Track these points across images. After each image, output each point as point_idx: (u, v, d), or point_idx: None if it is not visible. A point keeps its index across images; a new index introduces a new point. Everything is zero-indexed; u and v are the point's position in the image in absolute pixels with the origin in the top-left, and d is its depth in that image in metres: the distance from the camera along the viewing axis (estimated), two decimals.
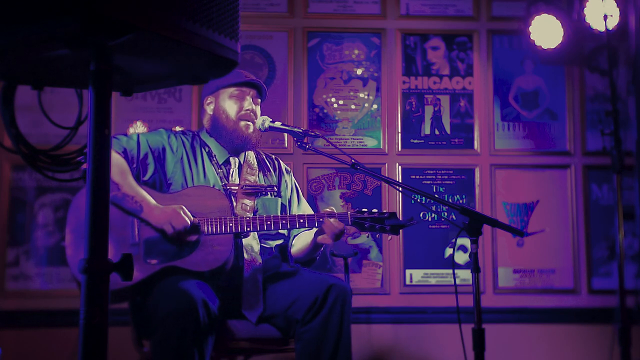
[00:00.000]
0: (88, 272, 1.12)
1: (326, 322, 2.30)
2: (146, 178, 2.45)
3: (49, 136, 2.99)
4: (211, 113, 2.61)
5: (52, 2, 1.00)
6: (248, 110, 2.56)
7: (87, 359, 1.10)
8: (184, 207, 2.32)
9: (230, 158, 2.59)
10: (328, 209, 2.43)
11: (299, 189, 2.78)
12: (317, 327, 2.30)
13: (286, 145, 3.67)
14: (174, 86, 3.16)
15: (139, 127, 3.63)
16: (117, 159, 2.36)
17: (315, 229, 2.48)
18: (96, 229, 1.14)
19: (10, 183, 3.54)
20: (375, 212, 2.43)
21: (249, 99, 2.57)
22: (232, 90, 2.57)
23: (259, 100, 2.63)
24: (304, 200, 2.76)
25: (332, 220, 2.38)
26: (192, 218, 2.32)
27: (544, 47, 3.66)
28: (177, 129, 3.61)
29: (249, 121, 2.56)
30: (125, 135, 2.48)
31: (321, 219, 2.41)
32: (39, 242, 3.52)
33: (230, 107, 2.56)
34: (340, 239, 2.43)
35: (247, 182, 2.56)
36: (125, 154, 2.41)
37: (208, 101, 2.63)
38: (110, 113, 1.16)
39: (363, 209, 2.45)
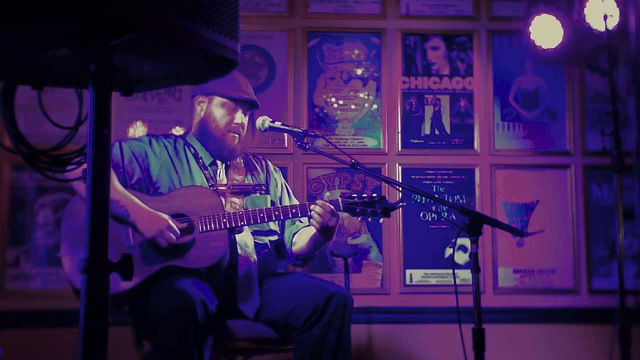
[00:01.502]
0: (88, 272, 1.12)
1: (325, 331, 2.30)
2: (132, 182, 2.46)
3: (49, 136, 3.00)
4: (201, 115, 2.58)
5: (52, 2, 1.00)
6: (238, 124, 2.55)
7: (87, 359, 1.10)
8: (170, 220, 2.32)
9: (217, 160, 2.59)
10: (324, 199, 2.43)
11: (288, 187, 2.79)
12: (316, 336, 2.31)
13: (286, 145, 3.67)
14: (174, 86, 3.15)
15: (139, 127, 3.63)
16: None
17: None
18: (96, 229, 1.14)
19: (10, 183, 3.54)
20: (365, 197, 2.45)
21: (240, 112, 2.56)
22: (227, 100, 2.55)
23: (249, 112, 2.62)
24: (293, 198, 2.77)
25: (318, 205, 2.37)
26: (178, 232, 2.32)
27: (544, 47, 3.66)
28: (178, 129, 3.62)
29: (236, 133, 2.55)
30: None
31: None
32: (39, 242, 3.52)
33: (221, 117, 2.54)
34: (337, 219, 2.40)
35: (234, 182, 2.56)
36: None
37: (200, 100, 2.60)
38: (110, 113, 1.16)
39: (353, 194, 2.46)
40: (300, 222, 2.66)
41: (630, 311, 3.13)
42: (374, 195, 2.45)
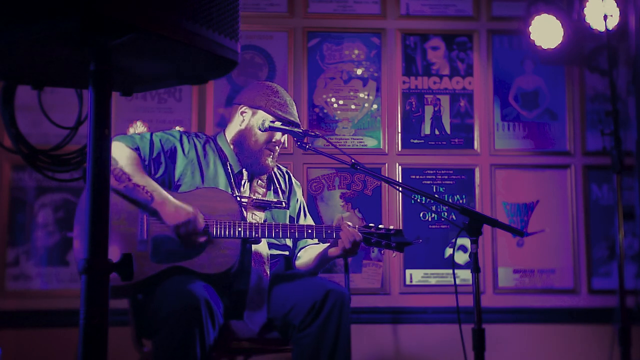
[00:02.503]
0: (88, 272, 1.12)
1: (323, 328, 2.30)
2: (157, 176, 2.42)
3: (49, 136, 2.99)
4: (242, 127, 2.55)
5: (52, 2, 1.00)
6: (276, 141, 2.54)
7: (87, 359, 1.10)
8: (199, 213, 2.29)
9: (244, 169, 2.58)
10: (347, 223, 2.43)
11: (305, 205, 2.79)
12: (314, 333, 2.30)
13: (286, 145, 3.64)
14: (174, 86, 3.14)
15: (139, 127, 3.63)
16: (129, 152, 2.35)
17: (326, 244, 2.49)
18: (96, 229, 1.14)
19: (10, 183, 3.54)
20: (382, 228, 2.44)
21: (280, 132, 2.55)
22: (272, 118, 2.52)
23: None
24: (309, 217, 2.77)
25: (349, 228, 2.37)
26: (203, 225, 2.30)
27: (544, 47, 3.66)
28: (178, 129, 3.62)
29: (272, 151, 2.55)
30: (139, 134, 2.47)
31: (329, 231, 2.41)
32: (39, 242, 3.52)
33: (262, 134, 2.52)
34: (354, 254, 2.43)
35: (256, 195, 2.56)
36: (137, 150, 2.39)
37: (243, 110, 2.56)
38: (110, 113, 1.16)
39: (370, 224, 2.46)
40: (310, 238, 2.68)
41: (630, 311, 3.13)
42: (391, 227, 2.45)
